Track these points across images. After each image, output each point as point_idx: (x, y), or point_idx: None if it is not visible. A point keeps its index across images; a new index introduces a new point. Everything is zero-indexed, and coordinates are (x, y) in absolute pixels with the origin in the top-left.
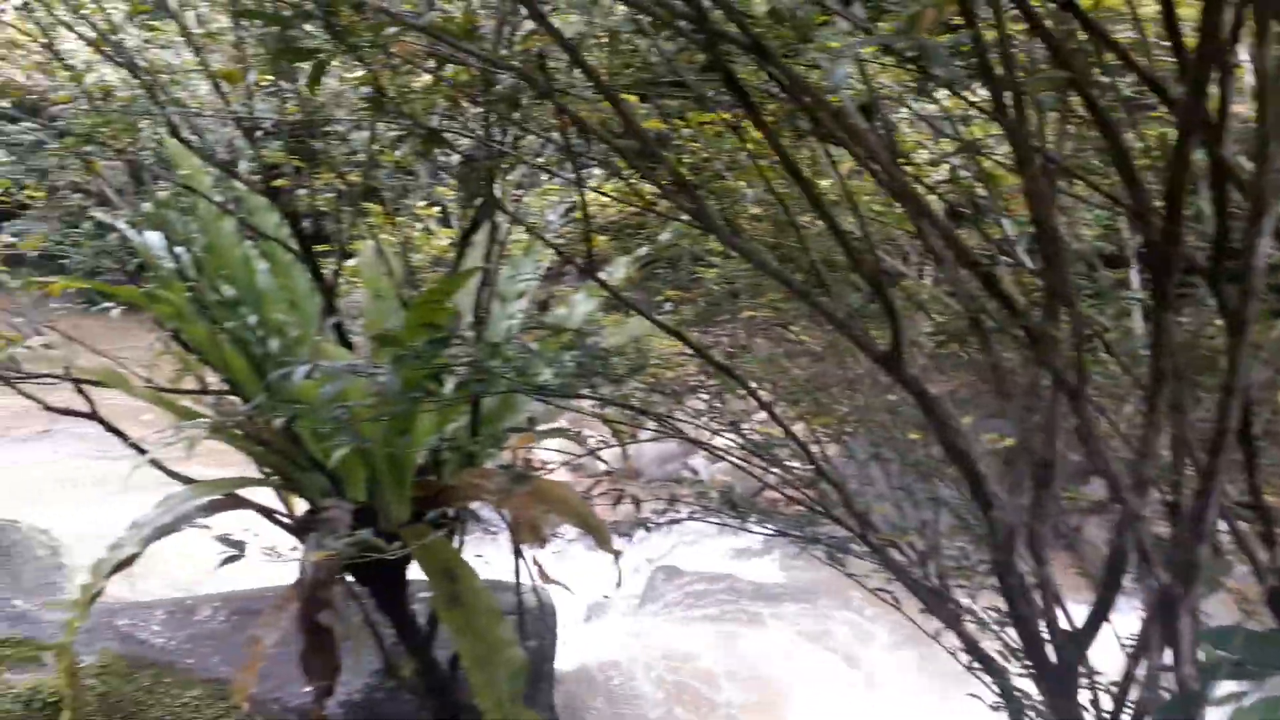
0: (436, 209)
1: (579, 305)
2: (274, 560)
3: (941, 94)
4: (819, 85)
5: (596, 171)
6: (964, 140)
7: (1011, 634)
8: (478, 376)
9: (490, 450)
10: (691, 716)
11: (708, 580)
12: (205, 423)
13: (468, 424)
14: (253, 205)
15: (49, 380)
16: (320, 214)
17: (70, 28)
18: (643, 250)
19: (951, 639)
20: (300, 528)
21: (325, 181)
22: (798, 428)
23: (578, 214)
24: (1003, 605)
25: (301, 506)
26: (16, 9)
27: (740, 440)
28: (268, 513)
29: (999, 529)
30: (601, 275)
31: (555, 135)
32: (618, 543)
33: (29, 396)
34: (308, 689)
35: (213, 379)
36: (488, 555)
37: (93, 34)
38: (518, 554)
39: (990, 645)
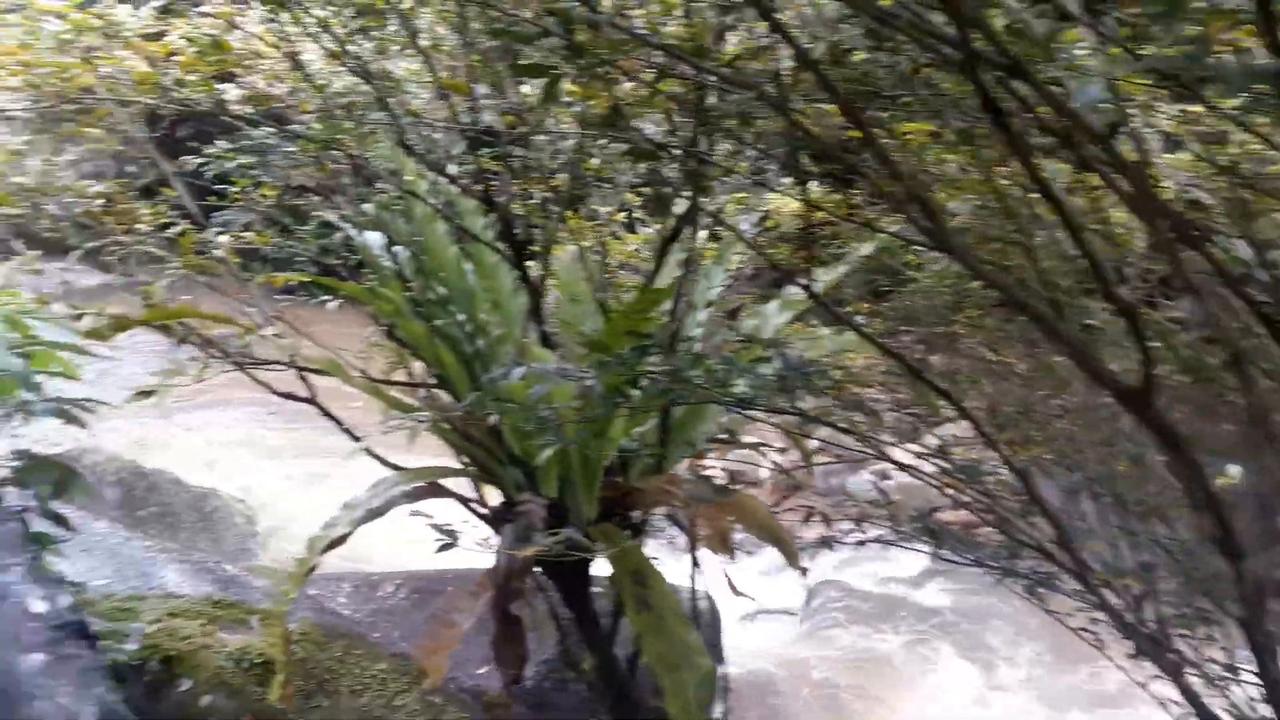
0: (622, 215)
1: (772, 316)
2: (481, 549)
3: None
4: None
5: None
6: (1218, 161)
7: (1241, 691)
8: (676, 384)
9: (679, 456)
10: None
11: (870, 599)
12: (425, 416)
13: (655, 428)
14: (463, 208)
15: (277, 367)
16: (526, 220)
17: (316, 40)
18: (841, 263)
19: (1160, 687)
20: (495, 518)
21: (529, 188)
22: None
23: (770, 222)
24: (1227, 658)
25: (494, 497)
26: (264, 22)
27: (945, 464)
28: (465, 501)
29: (1248, 580)
30: (797, 288)
31: (759, 146)
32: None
33: (259, 382)
34: (486, 671)
35: (419, 370)
36: (660, 559)
37: (330, 45)
38: (694, 562)
39: (1215, 701)
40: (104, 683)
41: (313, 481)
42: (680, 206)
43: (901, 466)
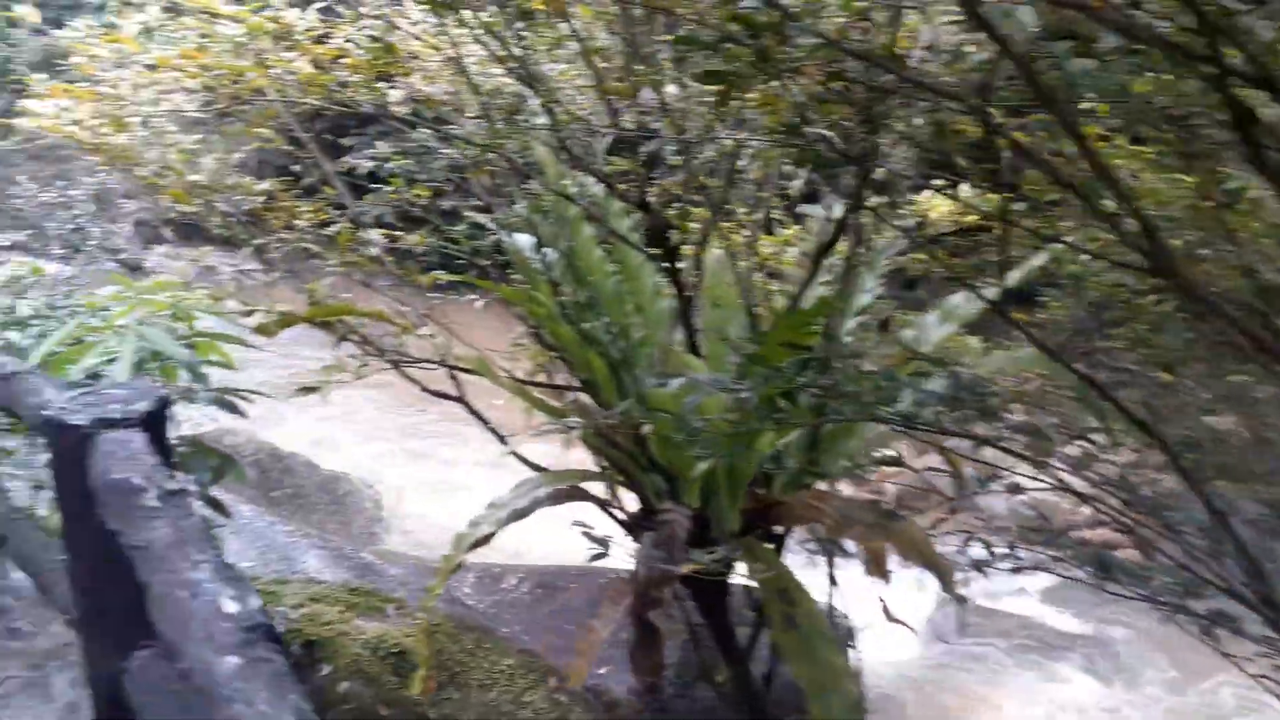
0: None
1: (932, 328)
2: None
3: None
4: None
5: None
6: None
7: None
8: (837, 400)
9: (826, 472)
10: None
11: (1001, 618)
12: (576, 422)
13: (800, 441)
14: (609, 210)
15: (429, 365)
16: (670, 223)
17: (481, 43)
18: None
19: None
20: (633, 524)
21: (681, 192)
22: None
23: (923, 230)
24: None
25: (628, 499)
26: (420, 24)
27: (1125, 495)
28: (603, 505)
29: None
30: (961, 297)
31: (941, 151)
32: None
33: (410, 378)
34: (606, 672)
35: (562, 371)
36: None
37: (492, 48)
38: (832, 580)
39: None
40: (296, 688)
41: (425, 465)
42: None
43: (1081, 497)
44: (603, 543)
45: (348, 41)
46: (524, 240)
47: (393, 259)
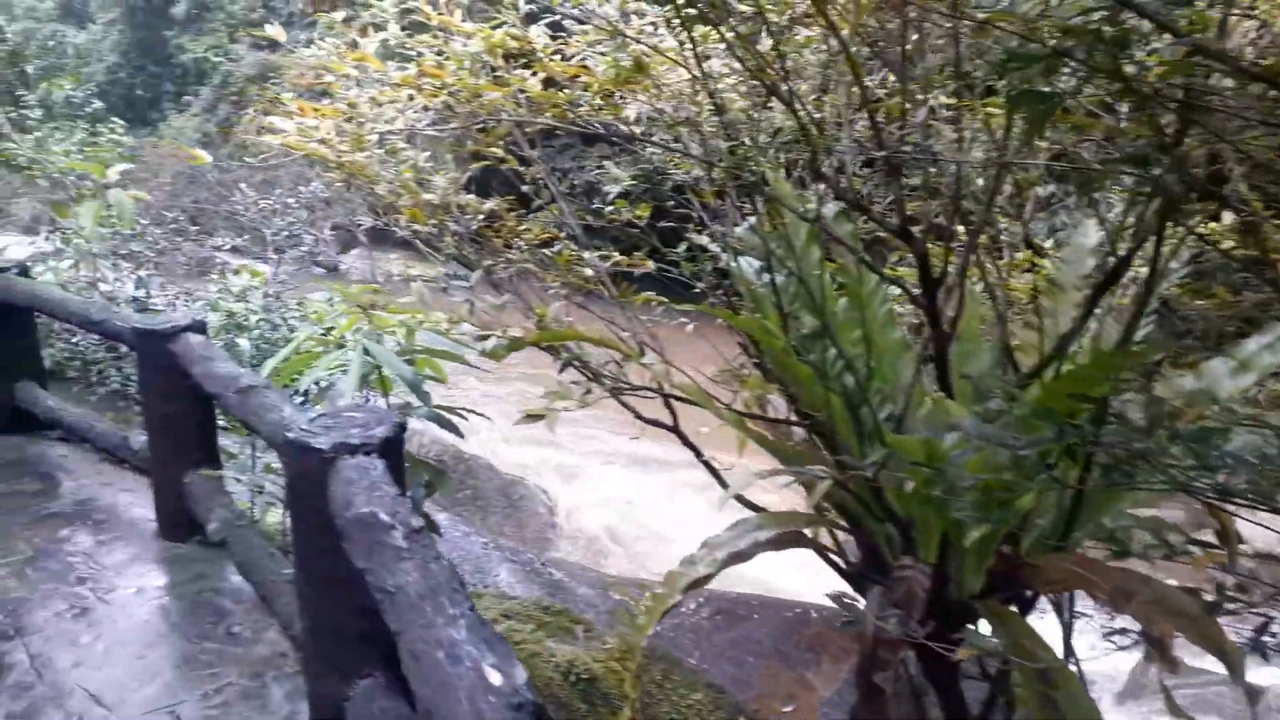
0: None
1: (1222, 378)
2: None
3: None
4: None
5: None
6: None
7: None
8: (1137, 463)
9: (1087, 534)
10: None
11: (1210, 682)
12: (821, 472)
13: (1060, 499)
14: (841, 234)
15: (647, 394)
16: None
17: (734, 59)
18: None
19: None
20: (857, 575)
21: (930, 215)
22: None
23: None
24: None
25: (837, 537)
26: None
27: None
28: (822, 551)
29: None
30: (1259, 344)
31: None
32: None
33: (626, 406)
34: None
35: (773, 399)
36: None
37: (738, 64)
38: (1070, 651)
39: None
40: None
41: (599, 469)
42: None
43: None
44: (854, 611)
45: (584, 58)
46: (749, 264)
47: (606, 280)
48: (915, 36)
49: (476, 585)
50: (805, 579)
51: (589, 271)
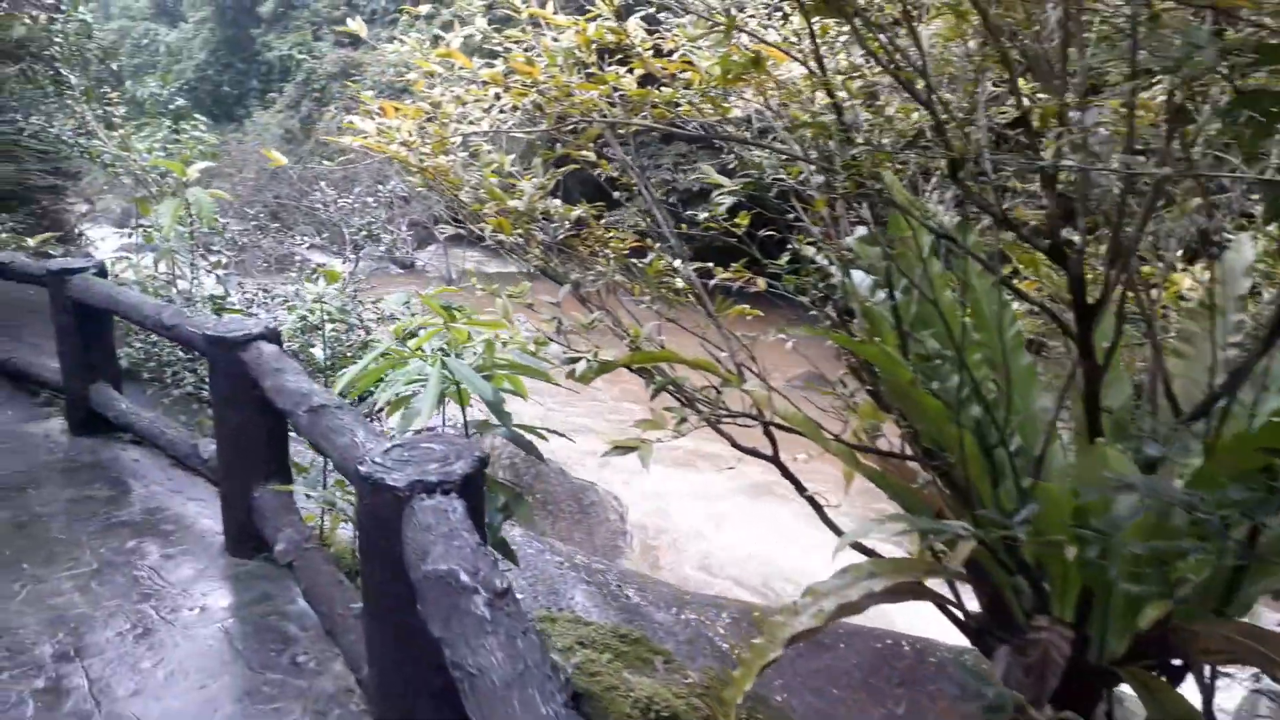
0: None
1: None
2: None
3: None
4: None
5: None
6: None
7: None
8: None
9: (1248, 600)
10: None
11: None
12: (963, 529)
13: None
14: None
15: (748, 422)
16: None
17: (875, 54)
18: None
19: None
20: (980, 629)
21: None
22: None
23: None
24: None
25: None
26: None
27: None
28: (942, 604)
29: None
30: None
31: None
32: None
33: (722, 434)
34: None
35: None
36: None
37: (868, 60)
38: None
39: None
40: None
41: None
42: None
43: None
44: (1002, 705)
45: (683, 54)
46: (862, 279)
47: (703, 294)
48: (1064, 30)
49: (550, 608)
50: (899, 607)
51: (679, 284)
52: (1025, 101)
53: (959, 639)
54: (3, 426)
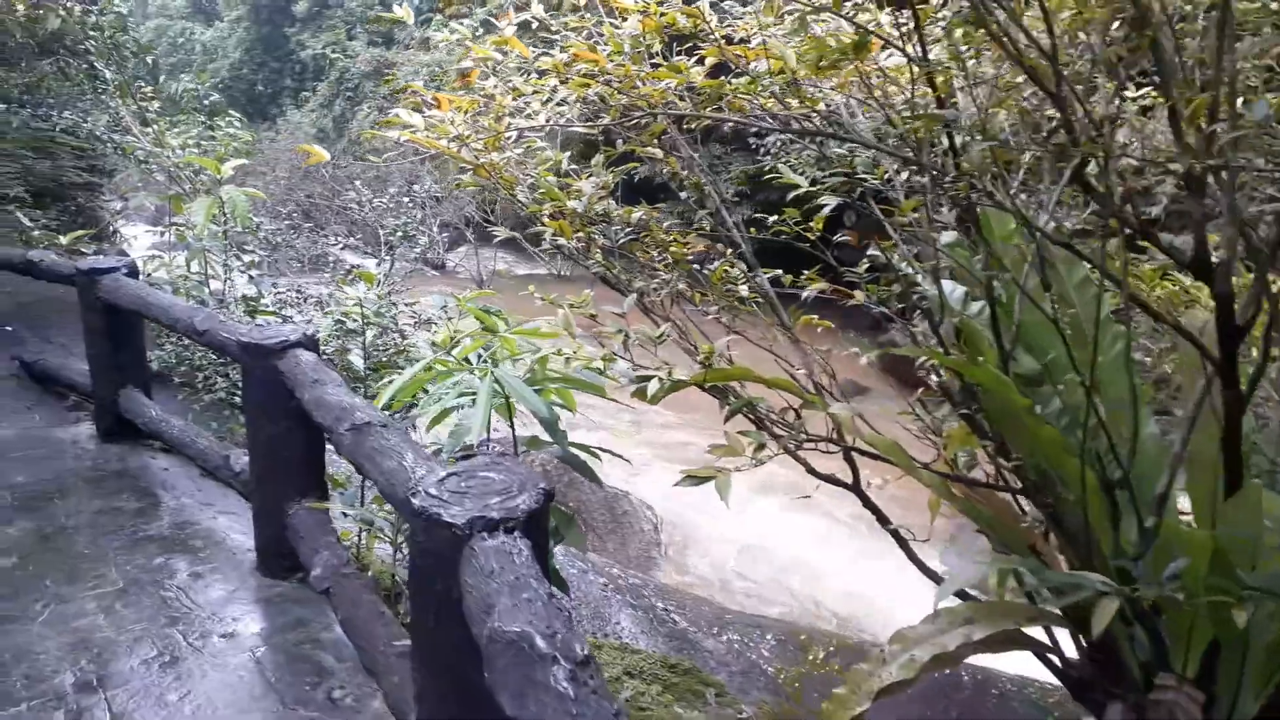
0: None
1: None
2: None
3: None
4: None
5: None
6: None
7: None
8: None
9: None
10: None
11: None
12: (1094, 582)
13: None
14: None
15: (830, 448)
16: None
17: (1001, 40)
18: None
19: None
20: (1084, 681)
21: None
22: None
23: None
24: None
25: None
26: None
27: None
28: (1042, 652)
29: None
30: None
31: None
32: None
33: (800, 460)
34: None
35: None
36: None
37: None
38: None
39: None
40: None
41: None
42: None
43: None
44: None
45: (759, 41)
46: (954, 290)
47: (777, 305)
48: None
49: (596, 634)
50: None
51: (744, 291)
52: (1173, 94)
53: (1018, 667)
54: (31, 431)
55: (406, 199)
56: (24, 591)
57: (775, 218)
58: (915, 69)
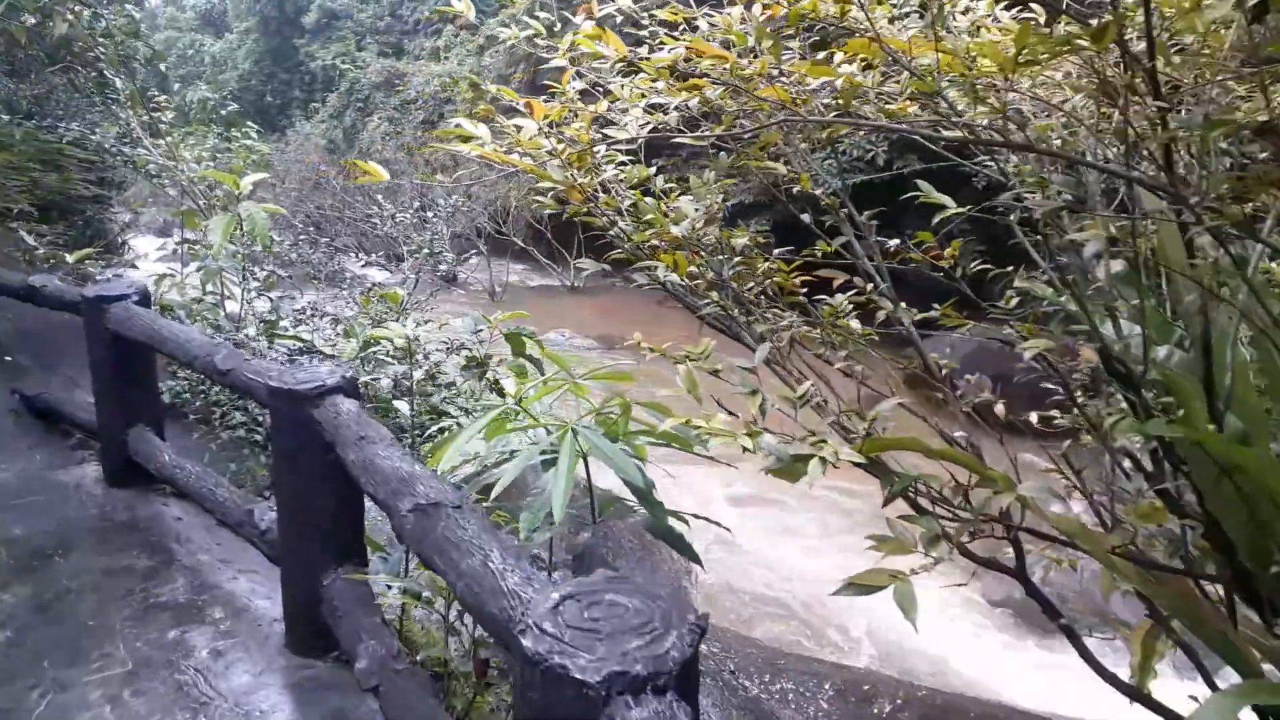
0: None
1: None
2: None
3: None
4: None
5: None
6: None
7: None
8: None
9: None
10: None
11: None
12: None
13: None
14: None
15: (993, 530)
16: None
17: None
18: None
19: None
20: None
21: None
22: None
23: None
24: None
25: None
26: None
27: None
28: None
29: None
30: None
31: None
32: None
33: (969, 554)
34: None
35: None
36: None
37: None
38: None
39: None
40: None
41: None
42: None
43: None
44: None
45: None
46: (1130, 329)
47: (920, 348)
48: None
49: None
50: (1043, 681)
51: (855, 325)
52: None
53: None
54: (30, 474)
55: (430, 213)
56: (19, 675)
57: (894, 241)
58: (1137, 62)
